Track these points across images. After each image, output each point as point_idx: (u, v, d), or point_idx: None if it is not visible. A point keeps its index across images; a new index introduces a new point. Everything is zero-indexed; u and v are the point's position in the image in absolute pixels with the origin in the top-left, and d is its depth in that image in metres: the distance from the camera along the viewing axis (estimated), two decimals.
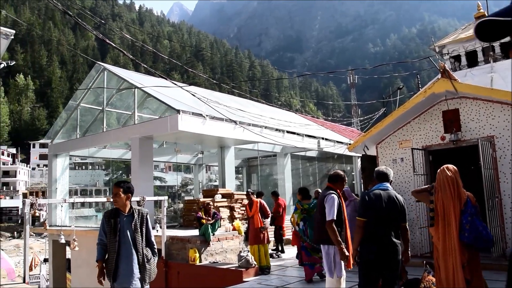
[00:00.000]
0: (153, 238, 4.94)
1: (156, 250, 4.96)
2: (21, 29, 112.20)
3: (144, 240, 4.77)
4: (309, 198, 8.45)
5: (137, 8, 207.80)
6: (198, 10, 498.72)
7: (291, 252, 11.47)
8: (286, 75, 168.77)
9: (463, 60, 15.32)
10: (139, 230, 4.71)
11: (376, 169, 4.95)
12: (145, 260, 4.70)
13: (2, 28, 8.09)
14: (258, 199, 9.92)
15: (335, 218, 5.05)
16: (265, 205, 9.83)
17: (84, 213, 24.04)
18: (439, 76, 9.59)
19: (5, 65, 8.51)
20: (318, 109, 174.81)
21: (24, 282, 8.47)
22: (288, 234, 12.33)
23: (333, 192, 5.26)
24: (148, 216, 4.93)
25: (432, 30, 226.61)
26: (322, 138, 18.79)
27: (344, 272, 5.25)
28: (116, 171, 32.26)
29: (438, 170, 4.53)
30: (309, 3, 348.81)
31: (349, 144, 19.37)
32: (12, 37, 8.16)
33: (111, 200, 9.53)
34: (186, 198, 26.33)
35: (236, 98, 21.96)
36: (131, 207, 4.81)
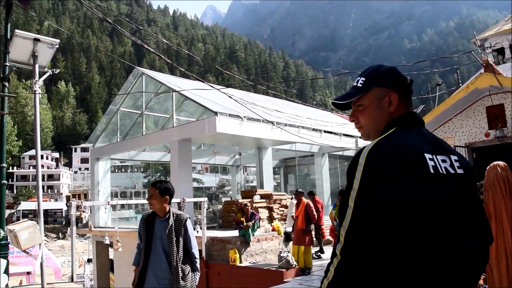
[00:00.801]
0: (195, 250, 4.11)
1: (197, 266, 4.13)
2: (62, 38, 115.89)
3: (181, 251, 3.96)
4: None
5: (171, 12, 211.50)
6: (231, 12, 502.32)
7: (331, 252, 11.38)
8: (321, 74, 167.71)
9: (507, 53, 14.80)
10: (174, 238, 3.93)
11: None
12: (179, 275, 3.88)
13: (47, 38, 8.37)
14: (307, 201, 9.86)
15: None
16: (312, 208, 9.63)
17: (125, 214, 24.57)
18: (482, 70, 9.30)
19: (51, 73, 8.77)
20: None
21: (72, 281, 8.72)
22: (328, 234, 12.25)
23: None
24: (189, 223, 4.12)
25: (471, 23, 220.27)
26: (360, 137, 18.54)
27: None
28: (155, 173, 32.80)
29: (488, 168, 4.37)
30: (343, 1, 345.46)
31: None
32: (57, 46, 8.41)
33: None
34: (224, 199, 26.51)
35: (272, 99, 21.97)
36: (169, 211, 4.07)
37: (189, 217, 4.16)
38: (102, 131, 18.56)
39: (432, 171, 1.33)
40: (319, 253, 11.60)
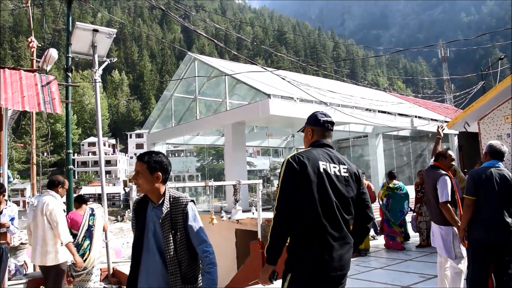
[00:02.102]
0: (203, 245, 2.78)
1: (210, 268, 2.72)
2: (115, 27, 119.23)
3: (181, 248, 2.76)
4: (394, 178, 9.65)
5: None
6: None
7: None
8: (372, 53, 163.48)
9: None
10: (169, 231, 2.74)
11: (489, 144, 4.64)
12: (177, 280, 2.71)
13: (105, 28, 8.66)
14: (367, 182, 9.84)
15: (449, 199, 4.85)
16: (372, 188, 9.78)
17: None
18: None
19: (109, 61, 9.09)
20: (407, 86, 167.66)
21: None
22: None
23: (444, 172, 5.05)
24: (191, 207, 2.83)
25: None
26: (416, 116, 18.01)
27: (464, 252, 5.01)
28: (208, 157, 33.38)
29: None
30: None
31: (445, 121, 18.49)
32: (114, 35, 8.71)
33: (209, 184, 9.95)
34: (276, 182, 26.58)
35: (324, 79, 21.72)
36: (164, 194, 2.84)
37: (192, 200, 2.90)
38: (157, 117, 19.05)
39: (321, 169, 2.68)
40: (374, 235, 11.47)
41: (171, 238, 2.73)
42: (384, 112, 16.49)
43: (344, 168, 2.81)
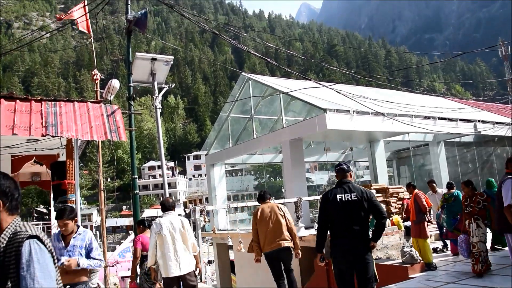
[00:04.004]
0: None
1: None
2: (168, 54, 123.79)
3: None
4: (451, 188, 10.16)
5: (266, 16, 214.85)
6: (325, 7, 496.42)
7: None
8: (426, 58, 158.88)
9: None
10: None
11: None
12: None
13: (162, 56, 9.02)
14: (416, 190, 9.51)
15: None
16: (421, 198, 9.24)
17: (238, 217, 25.38)
18: None
19: (168, 88, 9.42)
20: (466, 89, 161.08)
21: (201, 281, 9.26)
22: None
23: (510, 176, 4.82)
24: (28, 247, 1.94)
25: None
26: (479, 121, 17.25)
27: None
28: (265, 174, 33.53)
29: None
30: None
31: None
32: (172, 62, 9.04)
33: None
34: None
35: (380, 90, 21.33)
36: (6, 228, 2.05)
37: (34, 236, 2.02)
38: (214, 138, 19.41)
39: (338, 199, 4.76)
40: (444, 248, 11.02)
41: None
42: (445, 118, 15.92)
43: (354, 195, 4.78)
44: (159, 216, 6.28)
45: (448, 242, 10.38)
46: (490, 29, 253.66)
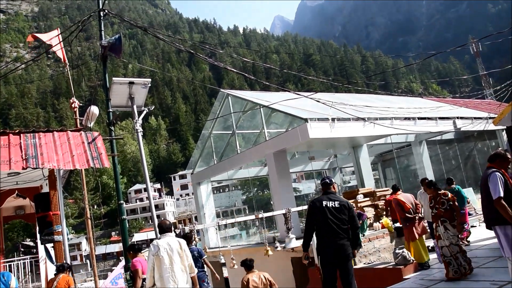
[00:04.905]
0: None
1: None
2: (146, 76, 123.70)
3: None
4: (451, 184, 10.62)
5: (241, 31, 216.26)
6: (299, 17, 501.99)
7: None
8: (401, 61, 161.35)
9: None
10: None
11: None
12: None
13: (140, 79, 8.99)
14: (393, 196, 9.53)
15: (502, 195, 4.68)
16: (396, 205, 9.08)
17: (229, 233, 25.25)
18: None
19: (147, 110, 9.37)
20: (443, 88, 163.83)
21: None
22: None
23: (495, 169, 4.90)
24: None
25: None
26: (458, 118, 17.54)
27: None
28: (253, 188, 33.47)
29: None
30: None
31: (490, 117, 17.89)
32: (149, 84, 9.02)
33: (260, 216, 9.99)
34: None
35: (359, 95, 21.58)
36: None
37: None
38: (199, 156, 19.35)
39: (324, 205, 5.78)
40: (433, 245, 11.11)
41: None
42: (424, 118, 16.15)
43: (337, 203, 5.80)
44: (157, 238, 6.23)
45: None
46: (459, 28, 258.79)
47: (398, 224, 10.90)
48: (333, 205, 5.72)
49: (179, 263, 5.92)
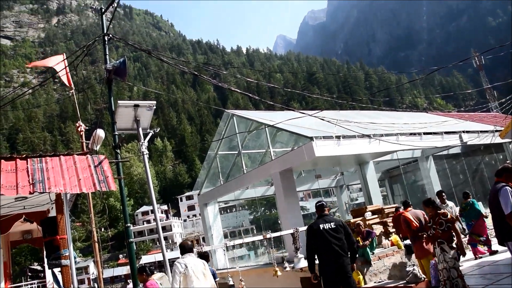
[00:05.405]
0: None
1: None
2: (151, 98, 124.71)
3: None
4: (467, 198, 10.87)
5: (244, 51, 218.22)
6: (301, 36, 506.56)
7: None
8: (404, 76, 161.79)
9: None
10: None
11: None
12: None
13: (145, 102, 9.04)
14: (403, 212, 9.27)
15: None
16: (403, 222, 8.87)
17: (237, 253, 25.07)
18: None
19: (152, 132, 9.40)
20: (447, 102, 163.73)
21: None
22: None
23: (505, 184, 4.85)
24: None
25: None
26: (464, 132, 17.47)
27: None
28: (260, 208, 33.34)
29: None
30: None
31: (496, 131, 17.81)
32: (154, 107, 9.06)
33: (268, 237, 9.90)
34: None
35: (364, 112, 21.61)
36: None
37: None
38: (205, 177, 19.33)
39: (321, 228, 6.22)
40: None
41: None
42: (430, 133, 16.10)
43: (333, 224, 6.25)
44: (180, 257, 6.14)
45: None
46: (460, 41, 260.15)
47: (408, 241, 10.78)
48: (330, 226, 6.20)
49: (204, 283, 5.91)
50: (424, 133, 15.77)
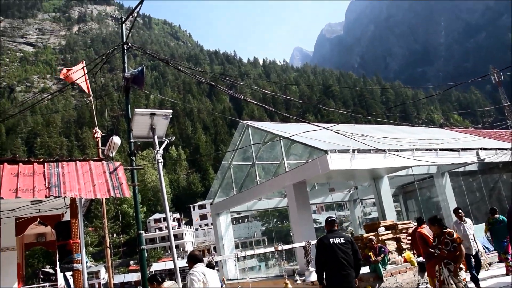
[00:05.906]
0: None
1: None
2: (167, 106, 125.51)
3: None
4: (495, 213, 10.70)
5: (261, 62, 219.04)
6: (318, 49, 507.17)
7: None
8: (421, 91, 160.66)
9: None
10: None
11: None
12: None
13: (161, 110, 9.13)
14: (419, 229, 9.03)
15: None
16: (419, 240, 8.52)
17: (248, 264, 24.95)
18: None
19: (168, 141, 9.47)
20: (465, 118, 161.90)
21: None
22: None
23: None
24: None
25: None
26: (481, 149, 17.23)
27: None
28: (272, 220, 33.21)
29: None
30: (429, 9, 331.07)
31: None
32: (170, 116, 9.14)
33: (279, 249, 9.86)
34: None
35: (379, 126, 21.48)
36: None
37: None
38: (218, 186, 19.37)
39: (331, 243, 6.45)
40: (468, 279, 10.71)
41: None
42: (446, 149, 15.94)
43: (342, 239, 6.50)
44: (194, 267, 6.08)
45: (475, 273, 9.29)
46: (478, 58, 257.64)
47: (421, 259, 10.61)
48: (340, 241, 6.47)
49: None
50: (440, 149, 15.62)
